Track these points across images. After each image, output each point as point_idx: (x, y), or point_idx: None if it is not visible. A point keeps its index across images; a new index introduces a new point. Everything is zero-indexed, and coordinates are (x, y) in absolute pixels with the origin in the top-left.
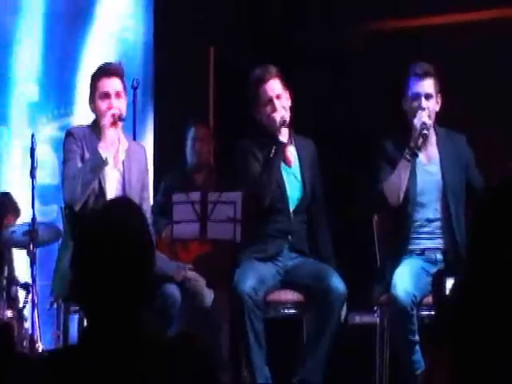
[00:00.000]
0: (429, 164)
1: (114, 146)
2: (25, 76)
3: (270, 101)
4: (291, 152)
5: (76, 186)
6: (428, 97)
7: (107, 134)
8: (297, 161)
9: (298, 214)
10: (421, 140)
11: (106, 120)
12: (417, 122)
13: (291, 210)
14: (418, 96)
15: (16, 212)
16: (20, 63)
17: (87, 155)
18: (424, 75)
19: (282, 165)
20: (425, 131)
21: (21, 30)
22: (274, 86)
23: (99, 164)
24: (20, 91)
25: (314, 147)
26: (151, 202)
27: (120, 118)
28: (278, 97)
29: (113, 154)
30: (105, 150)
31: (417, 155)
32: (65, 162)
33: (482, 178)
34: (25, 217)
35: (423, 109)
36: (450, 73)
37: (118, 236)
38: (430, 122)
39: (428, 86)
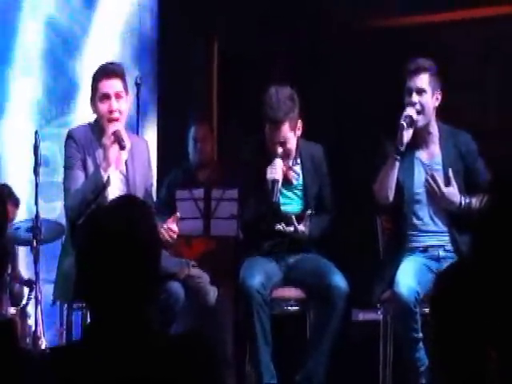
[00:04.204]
0: (430, 162)
1: (116, 164)
2: (28, 72)
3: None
4: (294, 170)
5: (76, 204)
6: (420, 92)
7: (109, 154)
8: (300, 177)
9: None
10: (404, 136)
11: (107, 139)
12: (401, 118)
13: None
14: (410, 91)
15: (15, 202)
16: (22, 59)
17: (88, 159)
18: (417, 70)
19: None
20: (402, 121)
21: (22, 26)
22: (284, 133)
23: (100, 186)
24: (23, 88)
25: (321, 154)
26: (154, 197)
27: (121, 145)
28: (282, 143)
29: (115, 169)
30: (107, 169)
31: (402, 152)
32: (66, 169)
33: (489, 175)
34: (28, 214)
35: (413, 104)
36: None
37: (125, 234)
38: (416, 117)
39: (420, 80)
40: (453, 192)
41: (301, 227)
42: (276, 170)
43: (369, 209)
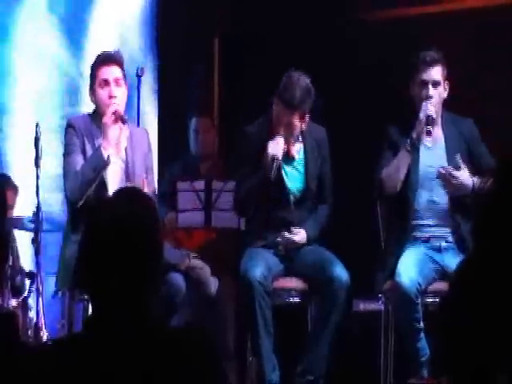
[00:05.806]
0: (434, 147)
1: (116, 143)
2: (28, 64)
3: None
4: (297, 147)
5: (77, 185)
6: (435, 84)
7: (109, 132)
8: (302, 153)
9: (301, 205)
10: (424, 135)
11: (107, 119)
12: (422, 114)
13: (292, 201)
14: (425, 84)
15: (14, 189)
16: (23, 51)
17: (88, 147)
18: (432, 62)
19: (284, 158)
20: (429, 127)
21: (23, 17)
22: (292, 119)
23: (101, 164)
24: (24, 80)
25: (324, 136)
26: (156, 185)
27: (122, 119)
28: (287, 127)
29: (115, 149)
30: (107, 148)
31: (417, 147)
32: (65, 156)
33: (492, 160)
34: (30, 206)
35: (430, 97)
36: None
37: (126, 225)
38: (435, 114)
39: (436, 73)
40: (465, 175)
41: (297, 238)
42: (277, 147)
43: (370, 198)
